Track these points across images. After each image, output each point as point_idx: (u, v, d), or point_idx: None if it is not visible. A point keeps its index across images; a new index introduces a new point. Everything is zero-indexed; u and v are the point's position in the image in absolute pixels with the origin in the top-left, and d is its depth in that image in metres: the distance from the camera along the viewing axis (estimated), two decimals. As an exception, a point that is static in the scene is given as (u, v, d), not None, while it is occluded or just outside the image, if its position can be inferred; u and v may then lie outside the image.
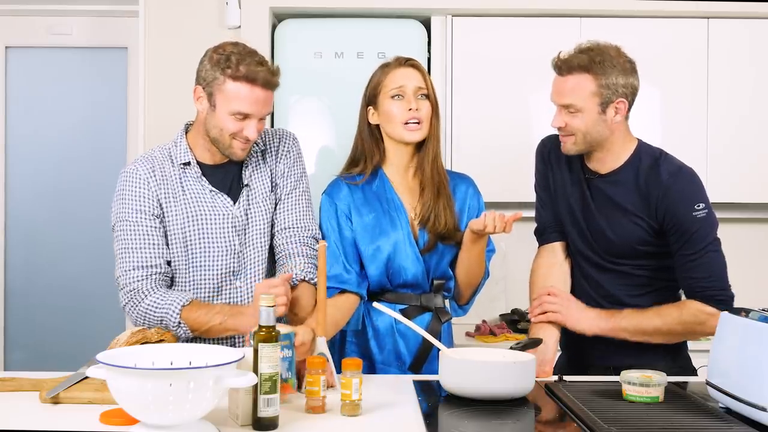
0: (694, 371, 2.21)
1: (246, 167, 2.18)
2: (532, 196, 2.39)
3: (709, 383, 1.73)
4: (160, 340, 1.87)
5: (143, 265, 2.06)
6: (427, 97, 2.22)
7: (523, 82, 3.44)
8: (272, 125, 3.36)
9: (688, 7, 3.47)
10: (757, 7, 3.47)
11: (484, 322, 3.42)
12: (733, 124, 3.48)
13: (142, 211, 2.09)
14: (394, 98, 2.19)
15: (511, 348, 2.02)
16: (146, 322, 2.03)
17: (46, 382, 1.80)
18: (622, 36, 3.39)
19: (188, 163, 2.14)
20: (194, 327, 2.01)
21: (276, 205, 2.21)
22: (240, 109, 2.03)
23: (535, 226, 2.36)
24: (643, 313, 2.09)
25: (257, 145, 2.20)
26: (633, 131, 2.21)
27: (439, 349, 1.90)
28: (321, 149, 3.40)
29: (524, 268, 2.38)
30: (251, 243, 2.15)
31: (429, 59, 3.49)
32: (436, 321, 2.22)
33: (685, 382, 1.98)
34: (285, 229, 2.18)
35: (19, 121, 3.86)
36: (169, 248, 2.10)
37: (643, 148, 2.16)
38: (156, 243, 2.08)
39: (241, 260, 2.15)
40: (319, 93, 3.43)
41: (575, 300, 2.17)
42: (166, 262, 2.10)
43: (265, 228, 2.17)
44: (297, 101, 3.41)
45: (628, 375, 1.80)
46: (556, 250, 2.26)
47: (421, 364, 2.21)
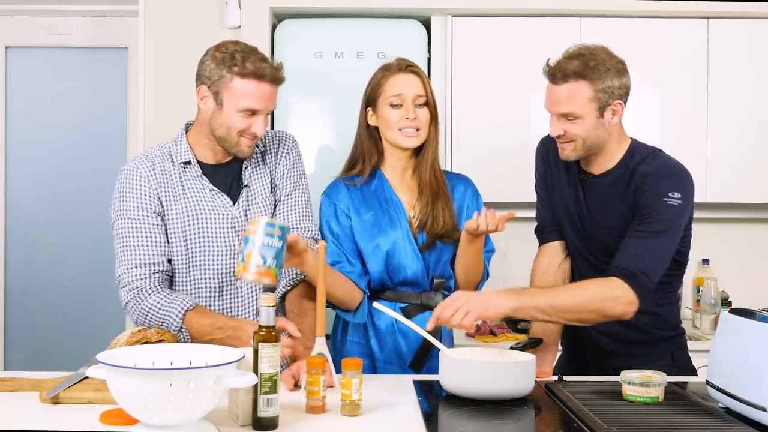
0: (694, 371, 2.21)
1: (246, 168, 2.18)
2: (532, 196, 2.39)
3: (709, 383, 1.73)
4: (160, 340, 1.87)
5: (145, 263, 2.05)
6: (426, 104, 2.22)
7: (523, 82, 3.44)
8: (272, 126, 3.37)
9: (688, 7, 3.47)
10: (757, 7, 3.47)
11: (484, 322, 3.42)
12: (733, 124, 3.48)
13: (144, 209, 2.08)
14: (392, 106, 2.20)
15: (511, 348, 2.02)
16: (147, 321, 2.02)
17: (46, 382, 1.80)
18: (622, 36, 3.44)
19: (188, 162, 2.14)
20: (194, 335, 2.00)
21: (275, 206, 2.21)
22: (249, 105, 2.04)
23: (535, 225, 2.36)
24: (556, 289, 2.02)
25: (257, 147, 2.20)
26: (634, 132, 2.21)
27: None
28: (321, 149, 3.40)
29: (524, 268, 2.38)
30: None
31: (429, 59, 3.49)
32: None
33: (685, 382, 1.98)
34: None
35: (19, 121, 3.86)
36: (170, 246, 2.10)
37: (636, 147, 2.15)
38: (158, 240, 2.08)
39: None
40: (319, 93, 3.43)
41: (476, 292, 2.11)
42: (168, 260, 2.09)
43: None
44: (297, 101, 3.41)
45: (628, 375, 1.80)
46: (556, 249, 2.26)
47: (422, 362, 2.21)
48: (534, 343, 2.09)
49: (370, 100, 2.26)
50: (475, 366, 1.85)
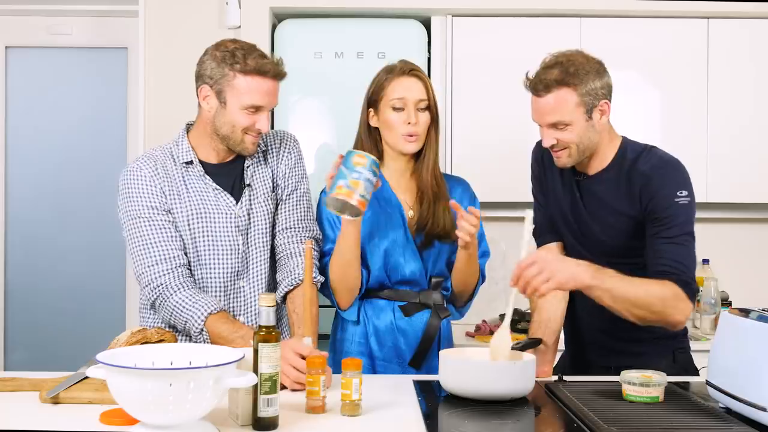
0: (696, 372, 2.21)
1: (248, 167, 2.18)
2: (531, 196, 2.39)
3: (709, 383, 1.73)
4: (160, 340, 1.87)
5: (165, 258, 2.04)
6: (427, 108, 2.23)
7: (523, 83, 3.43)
8: (272, 126, 3.37)
9: (688, 7, 3.47)
10: (757, 7, 3.47)
11: (484, 322, 3.42)
12: (733, 124, 3.48)
13: (153, 207, 2.07)
14: (395, 109, 2.20)
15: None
16: (173, 319, 2.02)
17: (46, 382, 1.80)
18: (622, 36, 3.45)
19: (191, 162, 2.14)
20: (215, 340, 1.98)
21: (277, 205, 2.21)
22: (253, 102, 2.04)
23: (534, 227, 2.36)
24: (629, 278, 1.96)
25: (259, 146, 2.20)
26: (634, 132, 2.21)
27: (438, 346, 1.90)
28: (321, 149, 3.40)
29: (524, 268, 2.38)
30: (254, 243, 2.15)
31: (429, 59, 3.49)
32: (435, 317, 2.23)
33: (686, 382, 1.98)
34: (286, 229, 2.18)
35: (19, 122, 3.86)
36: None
37: (628, 145, 2.15)
38: (173, 236, 2.07)
39: (245, 261, 2.15)
40: (319, 93, 3.43)
41: (554, 255, 2.03)
42: (185, 253, 2.08)
43: (267, 228, 2.17)
44: (297, 101, 3.41)
45: (628, 375, 1.80)
46: (553, 250, 2.26)
47: (421, 360, 2.21)
48: (534, 343, 2.09)
49: (372, 101, 2.26)
50: (475, 366, 1.85)
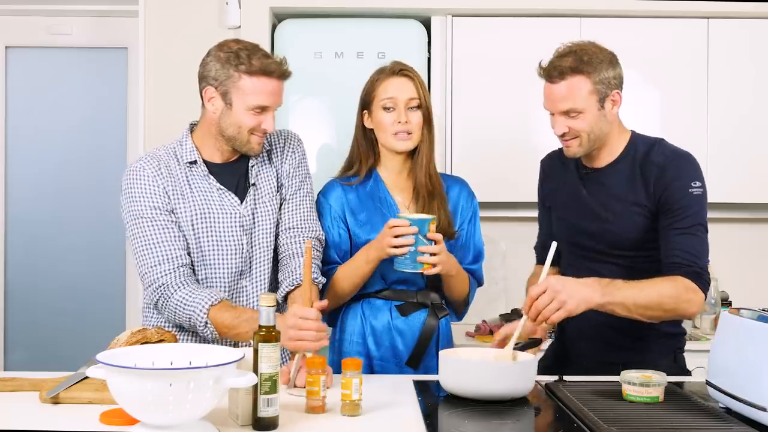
0: (688, 372, 2.20)
1: (253, 167, 2.18)
2: (531, 196, 2.40)
3: (709, 383, 1.73)
4: (160, 340, 1.87)
5: (168, 258, 2.03)
6: (419, 107, 2.23)
7: (523, 82, 3.39)
8: (272, 125, 3.37)
9: (688, 7, 3.47)
10: (757, 7, 3.47)
11: (484, 322, 3.42)
12: (733, 124, 3.48)
13: (156, 207, 2.07)
14: (385, 109, 2.21)
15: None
16: (176, 318, 2.02)
17: (46, 382, 1.80)
18: (622, 36, 3.44)
19: (194, 162, 2.13)
20: (221, 330, 1.98)
21: (281, 204, 2.21)
22: (259, 102, 2.04)
23: (534, 225, 2.36)
24: (639, 284, 1.95)
25: (263, 146, 2.20)
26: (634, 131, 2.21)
27: (438, 346, 1.90)
28: (321, 149, 3.40)
29: (524, 268, 2.38)
30: (258, 243, 2.15)
31: (429, 59, 3.49)
32: (433, 317, 2.23)
33: (686, 382, 1.98)
34: (289, 229, 2.18)
35: (20, 121, 3.86)
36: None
37: (638, 138, 2.17)
38: (176, 236, 2.06)
39: (249, 260, 2.15)
40: (319, 93, 3.43)
41: (564, 281, 1.93)
42: (188, 253, 2.08)
43: (271, 228, 2.17)
44: (297, 101, 3.41)
45: (628, 375, 1.80)
46: (553, 272, 2.23)
47: (419, 360, 2.22)
48: (534, 343, 2.09)
49: (365, 103, 2.28)
50: (475, 366, 1.85)
